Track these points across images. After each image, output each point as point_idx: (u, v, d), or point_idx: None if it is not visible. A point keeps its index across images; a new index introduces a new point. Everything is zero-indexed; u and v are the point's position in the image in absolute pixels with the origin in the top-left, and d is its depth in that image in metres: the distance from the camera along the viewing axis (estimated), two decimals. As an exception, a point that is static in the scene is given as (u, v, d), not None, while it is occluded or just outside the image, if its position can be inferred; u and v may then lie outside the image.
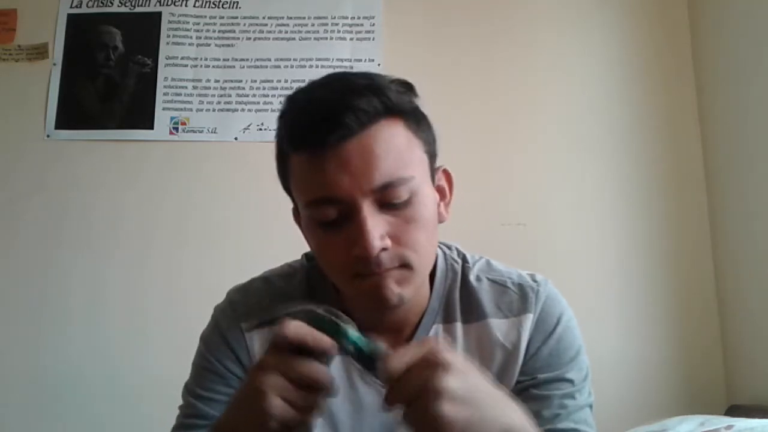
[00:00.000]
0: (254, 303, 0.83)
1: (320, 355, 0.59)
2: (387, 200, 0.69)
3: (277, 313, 0.63)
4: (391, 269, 0.70)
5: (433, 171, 0.78)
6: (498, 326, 0.80)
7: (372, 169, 0.68)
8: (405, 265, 0.71)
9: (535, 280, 0.84)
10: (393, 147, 0.70)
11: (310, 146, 0.70)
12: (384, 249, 0.68)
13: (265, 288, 0.85)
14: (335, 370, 0.75)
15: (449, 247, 0.87)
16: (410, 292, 0.72)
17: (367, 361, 0.60)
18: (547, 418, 0.75)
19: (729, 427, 1.25)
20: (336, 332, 0.60)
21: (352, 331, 0.60)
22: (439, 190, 0.79)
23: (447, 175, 0.82)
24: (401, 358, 0.58)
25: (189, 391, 0.83)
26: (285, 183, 0.78)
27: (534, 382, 0.78)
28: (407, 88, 0.76)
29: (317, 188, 0.70)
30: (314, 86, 0.74)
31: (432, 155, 0.77)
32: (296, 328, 0.59)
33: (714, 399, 1.86)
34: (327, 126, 0.68)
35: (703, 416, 1.43)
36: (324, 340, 0.59)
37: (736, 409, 1.74)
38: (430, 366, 0.56)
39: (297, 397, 0.58)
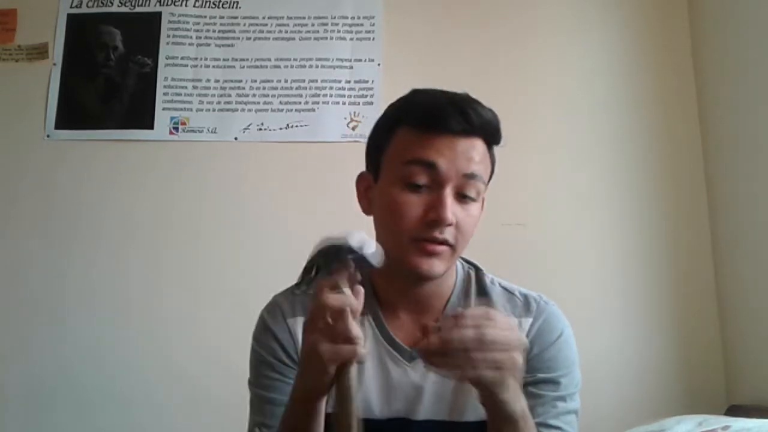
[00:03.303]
0: (295, 297, 0.95)
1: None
2: (464, 190, 0.86)
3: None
4: (443, 249, 0.85)
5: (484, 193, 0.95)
6: None
7: (469, 161, 0.86)
8: (452, 246, 0.86)
9: (540, 296, 0.97)
10: (484, 157, 0.89)
11: (433, 125, 0.86)
12: (450, 224, 0.84)
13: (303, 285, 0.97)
14: (369, 354, 0.89)
15: (467, 261, 1.01)
16: (444, 269, 0.88)
17: None
18: (539, 413, 0.85)
19: (726, 427, 1.25)
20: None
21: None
22: None
23: (482, 203, 0.97)
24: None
25: (250, 383, 0.95)
26: (376, 152, 0.92)
27: (534, 379, 0.88)
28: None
29: (423, 152, 0.85)
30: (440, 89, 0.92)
31: (488, 182, 0.93)
32: (333, 299, 0.71)
33: (714, 399, 1.85)
34: (456, 116, 0.85)
35: (702, 416, 1.43)
36: (350, 302, 0.71)
37: (736, 409, 1.74)
38: (483, 326, 0.70)
39: (337, 349, 0.70)
